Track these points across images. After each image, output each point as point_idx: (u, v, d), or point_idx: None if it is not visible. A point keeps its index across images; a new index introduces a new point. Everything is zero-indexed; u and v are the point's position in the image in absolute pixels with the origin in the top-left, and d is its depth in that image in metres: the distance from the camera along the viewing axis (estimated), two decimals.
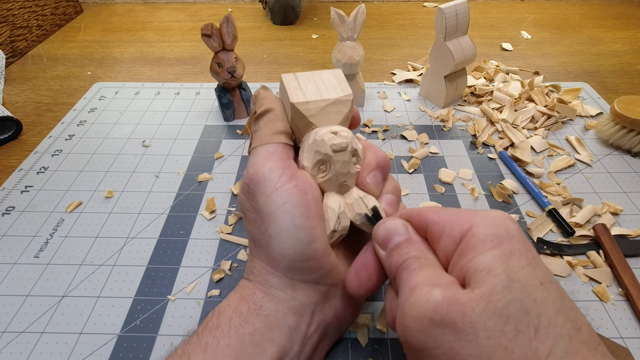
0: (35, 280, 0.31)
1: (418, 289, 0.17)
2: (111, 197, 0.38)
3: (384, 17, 0.77)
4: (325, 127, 0.22)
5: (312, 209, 0.20)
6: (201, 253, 0.32)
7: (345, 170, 0.22)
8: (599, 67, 0.59)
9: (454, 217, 0.19)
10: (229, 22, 0.42)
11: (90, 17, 0.78)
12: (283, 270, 0.21)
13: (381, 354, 0.26)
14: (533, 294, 0.15)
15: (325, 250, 0.21)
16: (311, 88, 0.23)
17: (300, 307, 0.20)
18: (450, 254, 0.18)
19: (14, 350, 0.26)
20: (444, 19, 0.42)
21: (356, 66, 0.44)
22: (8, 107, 0.51)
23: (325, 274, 0.21)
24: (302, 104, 0.22)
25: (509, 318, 0.15)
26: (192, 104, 0.51)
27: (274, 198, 0.20)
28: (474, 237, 0.17)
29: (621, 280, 0.29)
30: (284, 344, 0.19)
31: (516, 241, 0.17)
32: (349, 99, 0.23)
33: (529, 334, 0.15)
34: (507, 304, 0.15)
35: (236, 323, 0.19)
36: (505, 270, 0.16)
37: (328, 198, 0.23)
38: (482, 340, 0.15)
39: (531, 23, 0.73)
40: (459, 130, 0.45)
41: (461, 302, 0.16)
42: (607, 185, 0.38)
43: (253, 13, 0.79)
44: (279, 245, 0.20)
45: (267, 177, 0.20)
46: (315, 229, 0.20)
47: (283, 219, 0.20)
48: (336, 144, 0.21)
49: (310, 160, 0.22)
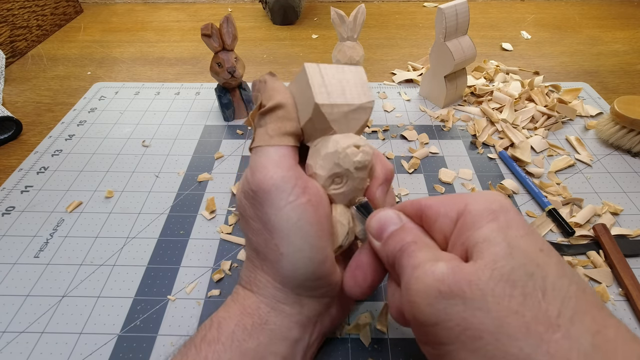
0: (35, 280, 0.31)
1: (421, 265, 0.17)
2: (111, 197, 0.38)
3: (384, 17, 0.77)
4: (346, 136, 0.21)
5: (325, 227, 0.20)
6: (201, 253, 0.32)
7: (360, 186, 0.22)
8: (599, 67, 0.59)
9: (448, 199, 0.19)
10: (229, 22, 0.42)
11: (90, 17, 0.78)
12: (292, 287, 0.20)
13: (381, 354, 0.26)
14: (535, 259, 0.16)
15: (333, 267, 0.21)
16: (336, 88, 0.21)
17: (305, 320, 0.21)
18: (449, 234, 0.18)
19: (14, 350, 0.26)
20: (444, 19, 0.42)
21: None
22: (8, 107, 0.51)
23: (332, 289, 0.21)
24: (327, 106, 0.20)
25: (515, 282, 0.15)
26: (192, 104, 0.51)
27: (287, 214, 0.19)
28: (470, 214, 0.18)
29: (621, 280, 0.29)
30: (286, 355, 0.20)
31: (512, 214, 0.17)
32: (370, 105, 0.22)
33: (537, 297, 0.15)
34: (511, 269, 0.15)
35: (239, 338, 0.19)
36: (505, 239, 0.16)
37: (337, 211, 0.22)
38: (493, 306, 0.15)
39: (531, 23, 0.73)
40: (459, 130, 0.45)
41: (467, 272, 0.16)
42: (607, 185, 0.38)
43: (253, 13, 0.79)
44: (292, 264, 0.19)
45: (280, 187, 0.19)
46: (327, 248, 0.20)
47: (298, 238, 0.19)
48: (360, 162, 0.20)
49: (326, 170, 0.21)
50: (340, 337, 0.27)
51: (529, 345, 0.14)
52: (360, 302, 0.29)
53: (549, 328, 0.14)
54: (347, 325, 0.27)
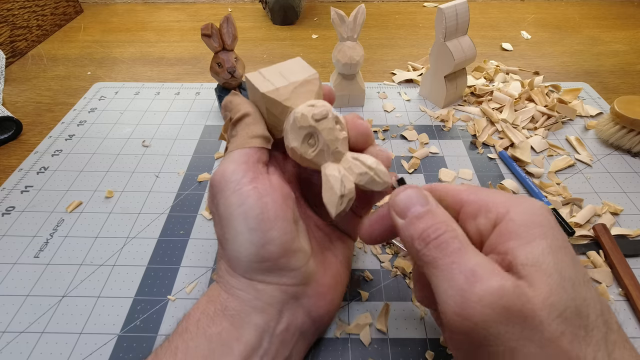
0: (35, 280, 0.31)
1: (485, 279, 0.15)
2: (111, 197, 0.38)
3: (384, 17, 0.77)
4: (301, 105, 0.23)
5: (271, 211, 0.20)
6: (201, 253, 0.32)
7: (333, 136, 0.22)
8: (599, 67, 0.59)
9: (490, 198, 0.18)
10: (229, 22, 0.42)
11: (90, 17, 0.78)
12: (241, 271, 0.21)
13: (381, 354, 0.26)
14: (582, 294, 0.15)
15: (283, 251, 0.21)
16: (277, 77, 0.23)
17: (265, 306, 0.20)
18: (486, 235, 0.18)
19: (14, 350, 0.26)
20: (444, 19, 0.42)
21: (356, 66, 0.44)
22: (8, 107, 0.51)
23: (288, 275, 0.21)
24: (272, 91, 0.22)
25: (567, 320, 0.15)
26: (192, 104, 0.51)
27: (231, 200, 0.20)
28: (513, 222, 0.17)
29: (621, 280, 0.29)
30: (252, 342, 0.19)
31: (557, 232, 0.17)
32: (315, 77, 0.24)
33: (581, 336, 0.15)
34: (565, 305, 0.15)
35: (204, 324, 0.20)
36: (557, 268, 0.16)
37: (326, 168, 0.23)
38: (546, 342, 0.15)
39: (531, 23, 0.73)
40: (459, 130, 0.45)
41: (530, 299, 0.15)
42: (607, 185, 0.38)
43: (253, 13, 0.79)
44: (234, 249, 0.20)
45: (229, 179, 0.21)
46: (271, 231, 0.20)
47: (238, 222, 0.20)
48: (317, 113, 0.22)
49: (297, 139, 0.22)
50: (340, 337, 0.27)
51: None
52: (360, 302, 0.29)
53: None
54: (347, 325, 0.27)
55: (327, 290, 0.23)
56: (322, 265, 0.23)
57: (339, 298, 0.24)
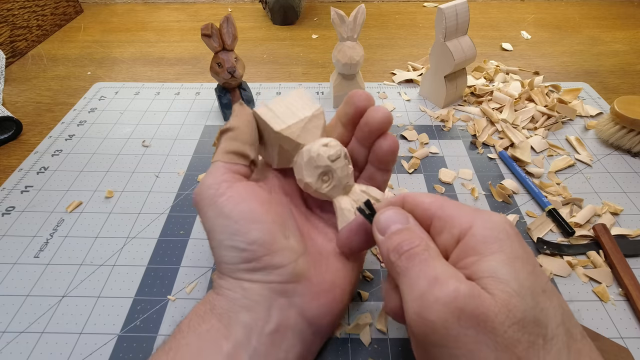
0: (35, 280, 0.31)
1: (442, 282, 0.16)
2: (111, 197, 0.38)
3: (384, 17, 0.77)
4: (314, 143, 0.24)
5: (247, 216, 0.21)
6: (201, 253, 0.32)
7: (345, 173, 0.25)
8: (599, 67, 0.59)
9: (455, 213, 0.19)
10: (229, 22, 0.42)
11: (90, 17, 0.78)
12: (228, 272, 0.22)
13: (381, 354, 0.26)
14: (540, 303, 0.16)
15: (266, 250, 0.21)
16: (285, 112, 0.25)
17: (252, 304, 0.21)
18: (450, 249, 0.19)
19: (14, 350, 0.26)
20: (444, 19, 0.42)
21: (356, 66, 0.44)
22: (8, 107, 0.51)
23: (274, 272, 0.21)
24: (285, 129, 0.24)
25: (524, 328, 0.15)
26: (192, 104, 0.51)
27: (209, 214, 0.22)
28: (474, 238, 0.18)
29: (621, 280, 0.29)
30: (240, 340, 0.20)
31: (517, 246, 0.17)
32: (320, 111, 0.25)
33: (539, 345, 0.15)
34: (522, 314, 0.15)
35: (194, 323, 0.21)
36: (515, 277, 0.16)
37: (340, 202, 0.25)
38: (501, 347, 0.15)
39: (531, 23, 0.73)
40: (459, 130, 0.46)
41: (488, 305, 0.16)
42: (607, 185, 0.38)
43: (253, 13, 0.79)
44: (219, 254, 0.22)
45: (204, 195, 0.22)
46: (250, 233, 0.21)
47: (218, 232, 0.21)
48: (332, 155, 0.24)
49: (312, 176, 0.25)
50: (340, 337, 0.27)
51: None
52: (360, 302, 0.29)
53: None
54: (347, 325, 0.27)
55: (322, 291, 0.22)
56: (318, 265, 0.23)
57: (338, 301, 0.23)
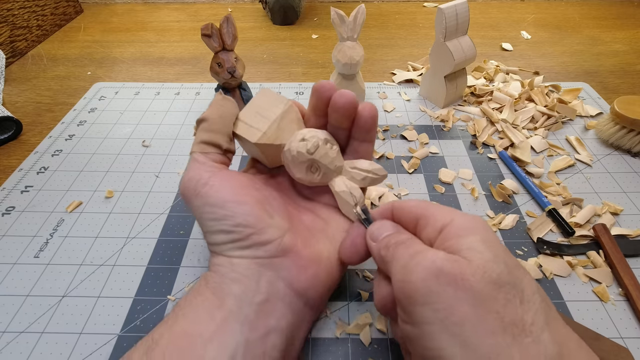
0: (35, 280, 0.31)
1: (422, 252, 0.19)
2: (111, 197, 0.38)
3: (384, 17, 0.77)
4: (292, 140, 0.25)
5: (230, 199, 0.23)
6: (201, 253, 0.32)
7: (329, 159, 0.25)
8: (599, 67, 0.59)
9: (437, 211, 0.22)
10: (229, 22, 0.42)
11: (90, 17, 0.78)
12: (220, 251, 0.23)
13: (381, 354, 0.26)
14: (515, 272, 0.18)
15: (252, 230, 0.22)
16: (257, 119, 0.25)
17: (241, 278, 0.22)
18: (434, 241, 0.21)
19: (14, 350, 0.26)
20: (444, 19, 0.42)
21: (356, 66, 0.44)
22: (8, 107, 0.51)
23: (262, 249, 0.23)
24: (261, 137, 0.24)
25: (500, 287, 0.17)
26: (192, 104, 0.51)
27: (195, 204, 0.23)
28: (454, 226, 0.20)
29: (621, 280, 0.29)
30: (233, 309, 0.21)
31: (490, 233, 0.20)
32: (289, 105, 0.26)
33: (516, 303, 0.17)
34: (498, 274, 0.17)
35: (190, 297, 0.22)
36: (490, 249, 0.18)
37: (334, 186, 0.26)
38: (479, 303, 0.17)
39: (531, 23, 0.73)
40: (459, 130, 0.45)
41: (464, 266, 0.18)
42: (607, 185, 0.38)
43: (253, 13, 0.79)
44: (211, 239, 0.23)
45: (187, 186, 0.24)
46: (235, 217, 0.22)
47: (205, 218, 0.23)
48: (310, 147, 0.25)
49: (300, 171, 0.25)
50: (340, 337, 0.27)
51: (503, 342, 0.16)
52: (360, 301, 0.29)
53: (522, 332, 0.16)
54: (347, 325, 0.27)
55: (308, 263, 0.24)
56: (305, 240, 0.25)
57: (325, 275, 0.24)
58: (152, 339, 0.20)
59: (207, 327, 0.20)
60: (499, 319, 0.16)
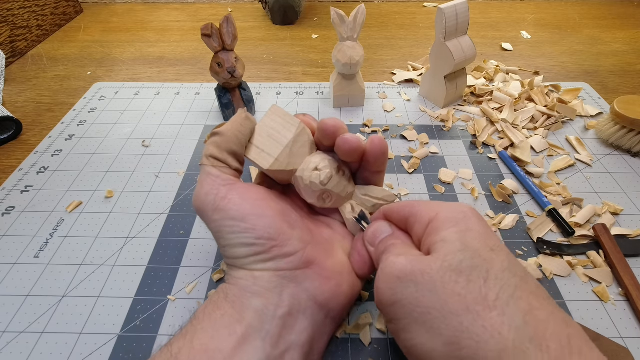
0: (35, 280, 0.31)
1: (389, 259, 0.21)
2: (111, 197, 0.38)
3: (384, 17, 0.77)
4: (305, 168, 0.25)
5: (251, 213, 0.23)
6: (201, 253, 0.32)
7: (342, 187, 0.26)
8: (599, 67, 0.59)
9: (424, 208, 0.23)
10: (229, 22, 0.42)
11: (90, 17, 0.78)
12: (240, 265, 0.23)
13: (381, 354, 0.26)
14: (482, 255, 0.19)
15: (274, 242, 0.23)
16: (269, 143, 0.25)
17: (263, 291, 0.22)
18: (422, 237, 0.22)
19: (14, 350, 0.26)
20: (444, 19, 0.42)
21: (356, 66, 0.44)
22: (8, 107, 0.51)
23: (284, 261, 0.23)
24: (274, 164, 0.24)
25: (461, 272, 0.18)
26: (192, 104, 0.51)
27: (214, 217, 0.23)
28: (437, 221, 0.21)
29: (621, 280, 0.29)
30: (253, 324, 0.21)
31: (472, 220, 0.21)
32: (301, 127, 0.25)
33: (479, 283, 0.18)
34: (459, 261, 0.19)
35: (209, 310, 0.22)
36: (460, 240, 0.19)
37: (345, 212, 0.27)
38: (440, 289, 0.18)
39: (531, 23, 0.73)
40: (459, 130, 0.45)
41: (421, 263, 0.19)
42: (607, 185, 0.38)
43: (253, 13, 0.79)
44: (231, 252, 0.23)
45: (204, 201, 0.24)
46: (257, 230, 0.22)
47: (226, 232, 0.23)
48: (323, 179, 0.25)
49: (312, 197, 0.26)
50: (340, 337, 0.27)
51: (468, 320, 0.17)
52: (360, 302, 0.29)
53: (486, 308, 0.17)
54: (347, 325, 0.27)
55: (331, 274, 0.24)
56: (326, 252, 0.25)
57: (347, 286, 0.24)
58: (171, 353, 0.20)
59: (227, 343, 0.20)
60: (461, 300, 0.18)
